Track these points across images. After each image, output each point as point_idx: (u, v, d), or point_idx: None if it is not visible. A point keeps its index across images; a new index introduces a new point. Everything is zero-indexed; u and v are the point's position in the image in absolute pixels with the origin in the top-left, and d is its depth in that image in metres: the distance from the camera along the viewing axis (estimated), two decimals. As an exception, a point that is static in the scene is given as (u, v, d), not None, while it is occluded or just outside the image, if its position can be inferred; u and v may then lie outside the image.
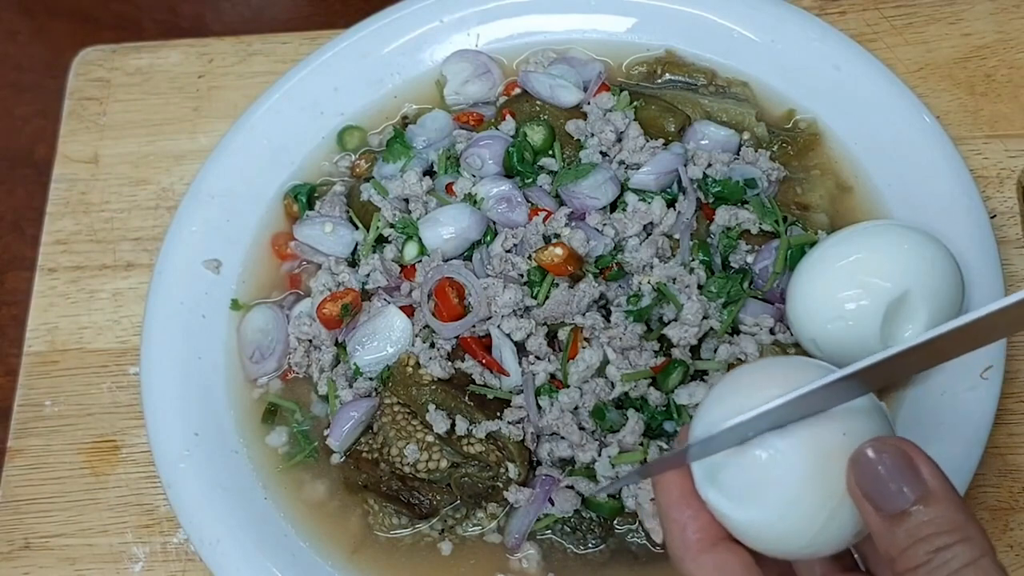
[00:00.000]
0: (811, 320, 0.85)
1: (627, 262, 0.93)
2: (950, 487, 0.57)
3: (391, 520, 0.90)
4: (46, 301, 1.07)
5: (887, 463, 0.56)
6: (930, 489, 0.56)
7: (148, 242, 1.08)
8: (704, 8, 1.07)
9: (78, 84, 1.18)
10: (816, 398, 0.59)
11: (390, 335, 0.93)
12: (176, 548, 0.95)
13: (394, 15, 1.10)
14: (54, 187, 1.13)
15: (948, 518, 0.55)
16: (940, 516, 0.55)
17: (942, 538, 0.55)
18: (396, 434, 0.89)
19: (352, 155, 1.08)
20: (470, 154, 0.99)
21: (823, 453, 0.59)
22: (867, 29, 1.09)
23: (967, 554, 0.54)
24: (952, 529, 0.55)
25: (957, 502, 0.56)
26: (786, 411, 0.59)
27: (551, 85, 1.02)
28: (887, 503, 0.56)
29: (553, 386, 0.90)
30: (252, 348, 0.98)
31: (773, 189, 0.98)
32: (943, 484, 0.56)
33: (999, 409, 0.86)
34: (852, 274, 0.84)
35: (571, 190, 0.95)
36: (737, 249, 0.94)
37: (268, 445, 0.95)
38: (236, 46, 1.18)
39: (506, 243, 0.94)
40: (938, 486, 0.56)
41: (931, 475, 0.56)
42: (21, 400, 1.03)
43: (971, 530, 0.55)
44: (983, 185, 1.00)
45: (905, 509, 0.55)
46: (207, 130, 1.13)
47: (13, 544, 0.97)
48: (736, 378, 0.65)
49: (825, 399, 0.60)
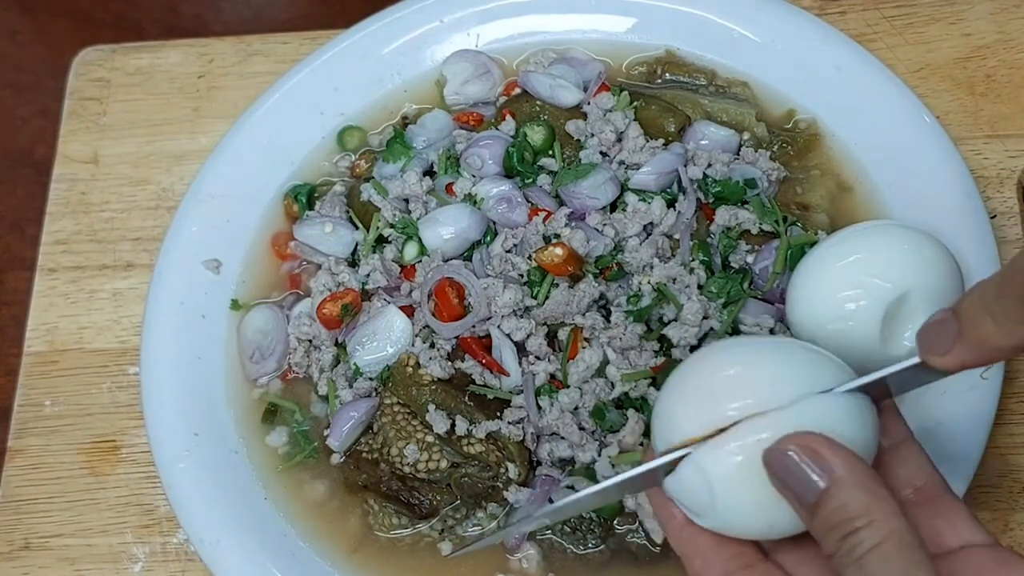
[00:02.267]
0: (811, 320, 0.85)
1: (627, 262, 0.93)
2: (857, 469, 0.57)
3: (391, 520, 0.90)
4: (46, 301, 1.07)
5: (793, 456, 0.58)
6: (836, 475, 0.57)
7: (148, 242, 1.08)
8: (704, 8, 1.07)
9: (78, 84, 1.18)
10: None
11: (390, 335, 0.93)
12: (176, 548, 0.95)
13: (394, 15, 1.10)
14: (54, 187, 1.13)
15: (854, 502, 0.56)
16: (846, 501, 0.56)
17: (849, 524, 0.55)
18: (396, 434, 0.89)
19: (352, 155, 1.08)
20: (470, 154, 0.99)
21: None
22: (867, 29, 1.09)
23: (871, 538, 0.55)
24: (857, 514, 0.55)
25: (863, 483, 0.57)
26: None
27: (551, 85, 1.02)
28: (803, 493, 0.57)
29: (553, 386, 0.90)
30: (252, 348, 0.98)
31: (773, 189, 0.98)
32: (849, 467, 0.57)
33: (999, 409, 0.85)
34: (852, 274, 0.84)
35: (571, 190, 0.95)
36: (737, 249, 0.94)
37: (268, 445, 0.95)
38: (236, 46, 1.18)
39: (506, 243, 0.94)
40: (843, 470, 0.57)
41: (836, 460, 0.57)
42: (21, 400, 1.03)
43: (876, 512, 0.55)
44: (983, 185, 0.99)
45: (819, 498, 0.57)
46: (207, 130, 1.13)
47: (13, 544, 0.97)
48: (697, 378, 0.66)
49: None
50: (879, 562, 0.54)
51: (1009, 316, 0.61)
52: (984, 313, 0.62)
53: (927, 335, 0.66)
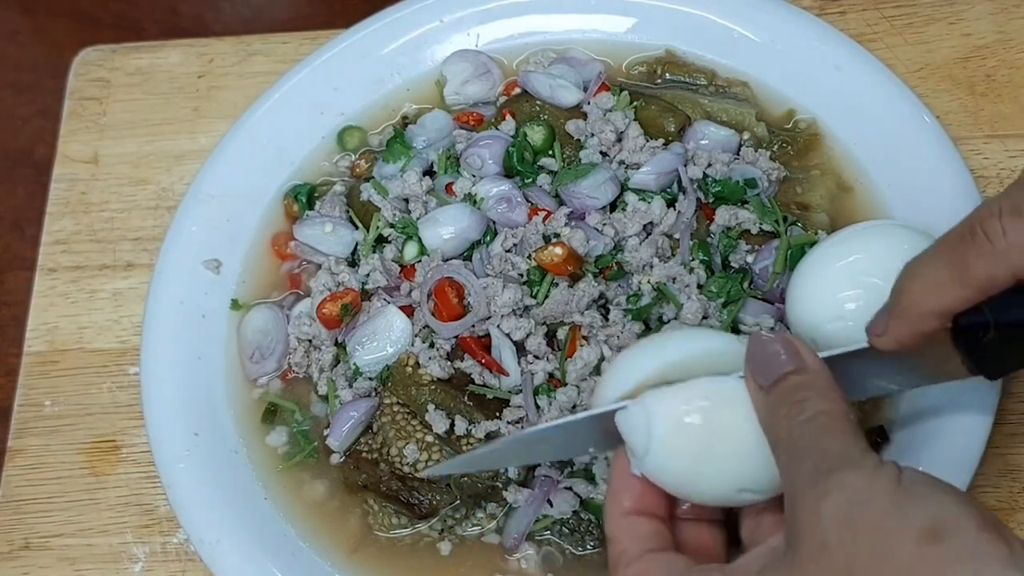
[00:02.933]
0: (811, 320, 0.85)
1: (627, 262, 0.93)
2: (824, 371, 0.65)
3: (391, 520, 0.90)
4: (46, 301, 1.07)
5: (775, 341, 0.66)
6: (808, 364, 0.65)
7: (148, 242, 1.08)
8: (704, 8, 1.07)
9: (78, 84, 1.18)
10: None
11: (390, 335, 0.93)
12: (176, 548, 0.95)
13: (394, 15, 1.10)
14: (54, 187, 1.13)
15: (819, 381, 0.64)
16: (810, 379, 0.64)
17: (806, 391, 0.63)
18: (396, 434, 0.89)
19: (352, 155, 1.08)
20: (470, 154, 0.99)
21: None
22: (867, 29, 1.09)
23: (819, 405, 0.63)
24: (818, 387, 0.64)
25: (825, 381, 0.65)
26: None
27: (551, 85, 1.02)
28: (770, 371, 0.65)
29: (552, 385, 0.90)
30: (252, 348, 0.98)
31: (773, 189, 0.98)
32: (821, 365, 0.65)
33: (999, 409, 0.85)
34: (852, 274, 0.84)
35: (571, 190, 0.95)
36: (737, 249, 0.94)
37: (268, 445, 0.95)
38: (236, 46, 1.17)
39: (506, 243, 0.94)
40: (816, 365, 0.65)
41: (810, 357, 0.66)
42: (21, 400, 1.03)
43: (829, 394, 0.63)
44: (983, 185, 0.99)
45: (782, 376, 0.64)
46: (207, 130, 1.13)
47: (13, 544, 0.97)
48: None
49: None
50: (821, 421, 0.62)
51: (934, 278, 0.65)
52: (910, 279, 0.67)
53: (873, 319, 0.71)
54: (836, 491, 0.58)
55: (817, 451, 0.61)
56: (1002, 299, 0.64)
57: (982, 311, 0.65)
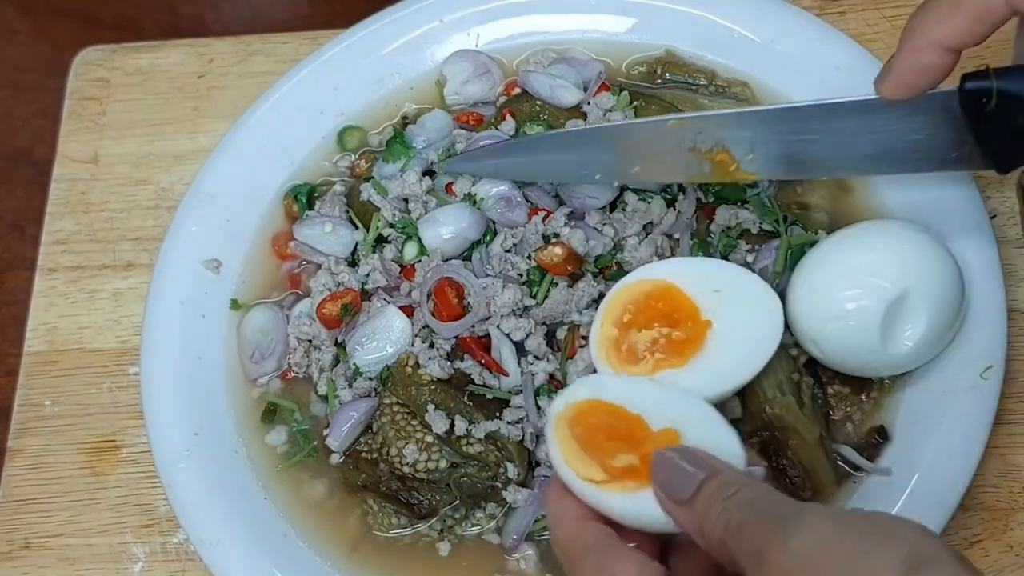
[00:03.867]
0: (811, 320, 0.85)
1: (627, 261, 0.93)
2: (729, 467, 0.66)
3: (390, 520, 0.90)
4: (46, 301, 1.07)
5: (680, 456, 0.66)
6: (716, 467, 0.65)
7: (148, 242, 1.08)
8: (704, 8, 1.06)
9: (78, 84, 1.18)
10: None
11: (389, 335, 0.93)
12: (176, 548, 0.95)
13: (394, 15, 1.10)
14: (54, 187, 1.13)
15: (738, 475, 0.65)
16: (729, 476, 0.64)
17: (731, 486, 0.63)
18: (395, 434, 0.89)
19: (352, 155, 1.08)
20: (470, 154, 0.99)
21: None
22: (867, 29, 1.09)
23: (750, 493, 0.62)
24: (739, 480, 0.64)
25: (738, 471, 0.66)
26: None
27: (551, 85, 1.02)
28: (684, 486, 0.64)
29: (552, 386, 0.90)
30: (252, 348, 0.98)
31: (773, 189, 0.98)
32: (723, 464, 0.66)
33: (999, 409, 0.85)
34: (852, 274, 0.84)
35: (571, 189, 0.95)
36: (737, 249, 0.94)
37: (267, 444, 0.95)
38: (236, 46, 1.17)
39: (505, 243, 0.94)
40: (720, 465, 0.65)
41: (719, 462, 0.66)
42: (21, 400, 1.03)
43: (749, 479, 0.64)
44: (983, 185, 0.99)
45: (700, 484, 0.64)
46: (207, 130, 1.13)
47: (13, 544, 0.97)
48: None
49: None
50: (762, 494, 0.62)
51: (935, 11, 0.69)
52: (913, 17, 0.71)
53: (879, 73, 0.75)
54: (806, 530, 0.57)
55: (770, 512, 0.60)
56: (1009, 71, 0.67)
57: (988, 77, 0.67)
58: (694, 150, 0.87)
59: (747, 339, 0.80)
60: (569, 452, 0.71)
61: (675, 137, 0.86)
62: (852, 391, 0.90)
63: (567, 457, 0.70)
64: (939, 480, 0.83)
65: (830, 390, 0.90)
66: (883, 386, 0.90)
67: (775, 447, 0.86)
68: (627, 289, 0.82)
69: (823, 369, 0.90)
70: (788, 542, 0.57)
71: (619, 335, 0.80)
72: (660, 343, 0.79)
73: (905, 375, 0.89)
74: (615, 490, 0.69)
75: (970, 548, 0.87)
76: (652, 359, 0.78)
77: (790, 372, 0.86)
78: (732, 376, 0.79)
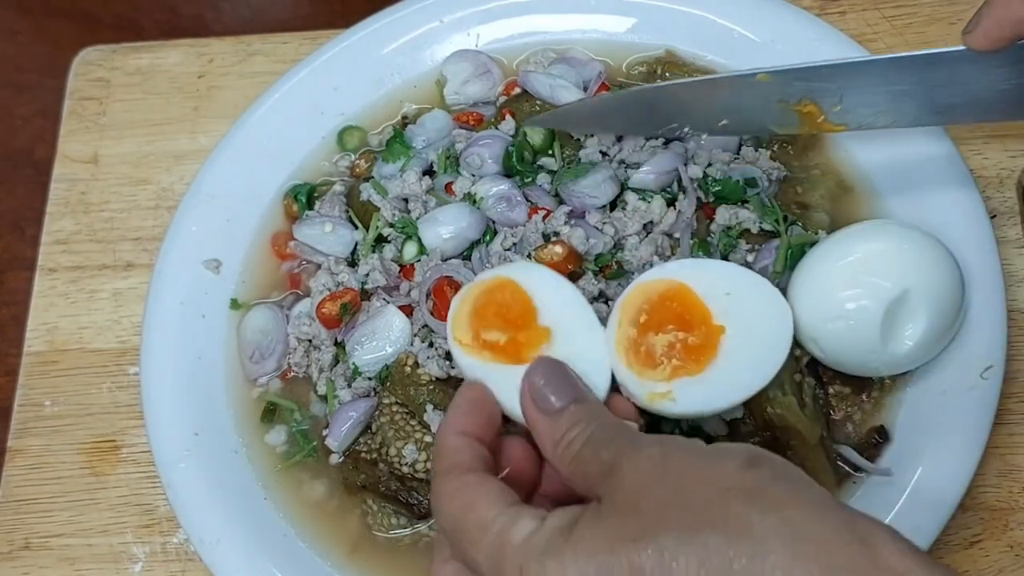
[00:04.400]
0: (811, 320, 0.85)
1: (627, 260, 0.93)
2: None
3: (390, 520, 0.90)
4: (46, 301, 1.07)
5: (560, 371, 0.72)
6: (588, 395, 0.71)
7: (148, 242, 1.08)
8: (704, 8, 1.06)
9: (78, 84, 1.18)
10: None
11: (389, 335, 0.93)
12: (176, 548, 0.95)
13: (394, 15, 1.10)
14: (54, 187, 1.13)
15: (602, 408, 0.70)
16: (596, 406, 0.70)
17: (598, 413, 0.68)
18: (395, 434, 0.89)
19: (352, 155, 1.08)
20: (470, 153, 0.99)
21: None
22: (867, 29, 1.09)
23: (612, 419, 0.69)
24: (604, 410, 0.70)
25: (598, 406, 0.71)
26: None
27: (551, 85, 1.02)
28: (556, 398, 0.69)
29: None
30: (252, 348, 0.98)
31: (773, 188, 0.98)
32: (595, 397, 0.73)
33: (999, 409, 0.85)
34: (852, 274, 0.84)
35: (571, 188, 0.95)
36: (737, 248, 0.94)
37: (267, 444, 0.95)
38: (236, 46, 1.18)
39: (505, 242, 0.94)
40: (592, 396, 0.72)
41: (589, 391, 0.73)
42: (21, 400, 1.03)
43: (605, 412, 0.70)
44: (983, 185, 0.99)
45: (568, 403, 0.69)
46: (207, 130, 1.13)
47: (13, 544, 0.97)
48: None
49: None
50: (616, 423, 0.68)
51: None
52: None
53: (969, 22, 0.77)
54: (656, 444, 0.63)
55: (627, 433, 0.66)
56: None
57: None
58: (782, 103, 0.88)
59: (759, 345, 0.79)
60: (459, 314, 0.80)
61: (764, 91, 0.88)
62: (853, 391, 0.90)
63: (456, 317, 0.80)
64: (939, 480, 0.83)
65: (831, 390, 0.90)
66: (883, 386, 0.90)
67: (776, 447, 0.86)
68: (641, 289, 0.81)
69: (824, 369, 0.90)
70: (641, 451, 0.62)
71: (638, 336, 0.79)
72: (677, 348, 0.79)
73: (905, 375, 0.89)
74: (472, 355, 0.78)
75: (970, 548, 0.87)
76: (669, 365, 0.78)
77: (792, 372, 0.86)
78: (746, 385, 0.79)
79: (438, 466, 0.69)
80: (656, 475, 0.60)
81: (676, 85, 0.92)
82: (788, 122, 0.90)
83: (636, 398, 0.78)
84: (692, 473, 0.60)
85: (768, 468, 0.60)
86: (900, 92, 0.86)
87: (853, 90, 0.86)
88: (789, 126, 0.91)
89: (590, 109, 0.96)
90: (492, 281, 0.81)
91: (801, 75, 0.87)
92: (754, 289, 0.82)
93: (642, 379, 0.78)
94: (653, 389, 0.78)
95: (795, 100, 0.88)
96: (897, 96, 0.87)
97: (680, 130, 0.94)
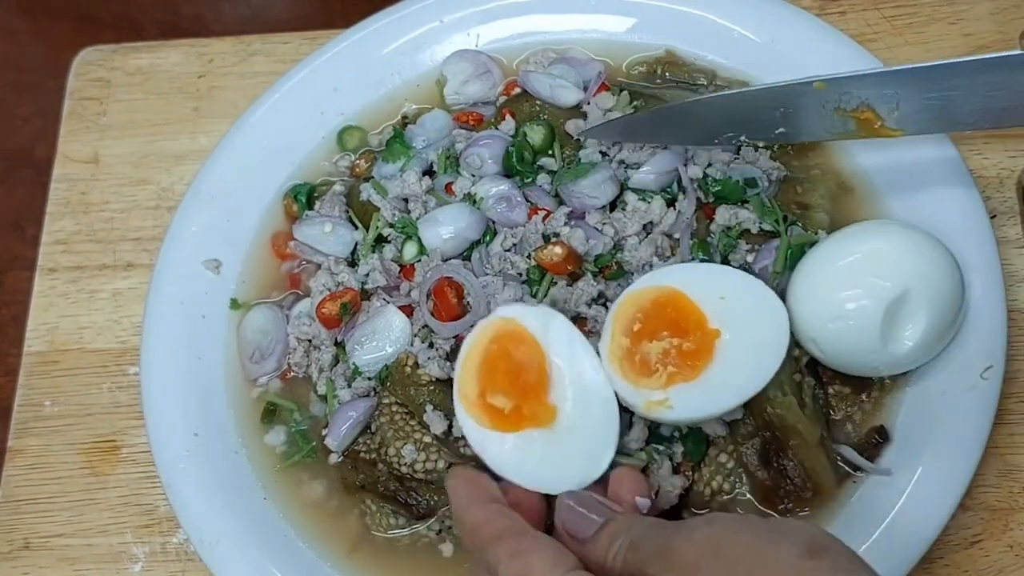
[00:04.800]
0: (811, 320, 0.85)
1: (626, 261, 0.93)
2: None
3: (389, 520, 0.90)
4: (46, 301, 1.07)
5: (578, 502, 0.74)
6: (614, 511, 0.73)
7: (148, 242, 1.08)
8: (704, 8, 1.06)
9: (78, 84, 1.18)
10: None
11: (389, 335, 0.93)
12: (176, 548, 0.95)
13: (394, 15, 1.10)
14: (54, 187, 1.13)
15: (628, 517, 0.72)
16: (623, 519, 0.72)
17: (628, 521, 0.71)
18: (394, 434, 0.89)
19: (352, 155, 1.08)
20: (470, 154, 0.99)
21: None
22: (867, 29, 1.09)
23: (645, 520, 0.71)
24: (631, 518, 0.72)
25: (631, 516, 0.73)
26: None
27: (551, 85, 1.02)
28: (586, 527, 0.72)
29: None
30: (252, 348, 0.98)
31: (773, 189, 0.98)
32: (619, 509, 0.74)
33: (999, 409, 0.85)
34: (852, 274, 0.84)
35: (571, 189, 0.95)
36: (737, 249, 0.94)
37: (267, 444, 0.95)
38: (236, 46, 1.18)
39: (505, 242, 0.94)
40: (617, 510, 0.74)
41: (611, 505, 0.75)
42: (21, 400, 1.03)
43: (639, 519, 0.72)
44: (983, 185, 0.99)
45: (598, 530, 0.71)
46: (207, 130, 1.13)
47: (13, 544, 0.97)
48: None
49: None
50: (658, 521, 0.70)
51: None
52: None
53: None
54: (709, 524, 0.63)
55: (668, 524, 0.67)
56: None
57: None
58: (839, 110, 0.89)
59: (755, 348, 0.80)
60: (469, 361, 0.81)
61: (820, 98, 0.88)
62: (852, 391, 0.90)
63: (465, 363, 0.81)
64: (939, 480, 0.83)
65: (831, 390, 0.90)
66: (883, 386, 0.90)
67: (776, 447, 0.86)
68: (634, 297, 0.82)
69: (824, 369, 0.90)
70: (692, 534, 0.62)
71: (631, 346, 0.80)
72: (672, 355, 0.79)
73: (905, 375, 0.89)
74: (472, 415, 0.79)
75: (970, 548, 0.87)
76: (665, 372, 0.78)
77: (791, 372, 0.86)
78: (743, 388, 0.80)
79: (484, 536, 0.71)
80: (708, 555, 0.60)
81: (734, 95, 0.92)
82: (846, 128, 0.90)
83: (633, 407, 0.78)
84: (749, 556, 0.59)
85: (830, 559, 0.58)
86: (955, 97, 0.86)
87: (909, 96, 0.87)
88: (847, 133, 0.91)
89: (646, 121, 0.96)
90: (509, 324, 0.81)
91: (858, 83, 0.87)
92: (749, 292, 0.82)
93: (638, 388, 0.78)
94: (650, 397, 0.78)
95: (852, 107, 0.88)
96: (952, 101, 0.87)
97: (736, 139, 0.94)
